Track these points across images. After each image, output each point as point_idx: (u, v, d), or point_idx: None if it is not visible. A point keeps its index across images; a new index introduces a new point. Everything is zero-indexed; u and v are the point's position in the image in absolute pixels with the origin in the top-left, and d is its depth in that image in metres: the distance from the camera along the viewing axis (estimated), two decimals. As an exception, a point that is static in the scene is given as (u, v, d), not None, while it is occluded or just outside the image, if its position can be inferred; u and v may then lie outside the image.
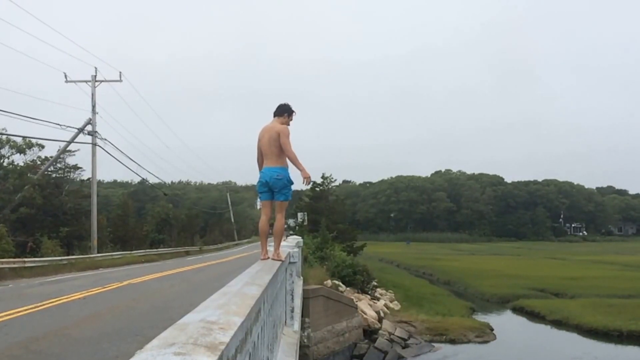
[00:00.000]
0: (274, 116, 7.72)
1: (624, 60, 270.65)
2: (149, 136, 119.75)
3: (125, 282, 19.49)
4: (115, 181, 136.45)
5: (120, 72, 36.96)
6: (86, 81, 35.97)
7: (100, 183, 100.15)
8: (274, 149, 7.33)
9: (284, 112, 7.71)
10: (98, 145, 35.16)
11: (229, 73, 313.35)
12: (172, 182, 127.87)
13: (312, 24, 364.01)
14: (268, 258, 7.27)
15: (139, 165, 42.33)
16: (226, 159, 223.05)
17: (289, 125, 7.63)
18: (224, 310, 3.18)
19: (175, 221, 67.17)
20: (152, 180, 72.69)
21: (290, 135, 7.41)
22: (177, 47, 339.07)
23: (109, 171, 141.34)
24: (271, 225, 7.90)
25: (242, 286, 4.65)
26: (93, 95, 35.58)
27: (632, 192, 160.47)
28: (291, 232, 43.68)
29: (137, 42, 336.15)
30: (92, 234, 35.46)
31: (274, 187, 7.34)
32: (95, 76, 35.92)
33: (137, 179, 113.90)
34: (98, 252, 34.85)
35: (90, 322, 10.67)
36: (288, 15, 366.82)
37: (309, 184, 7.75)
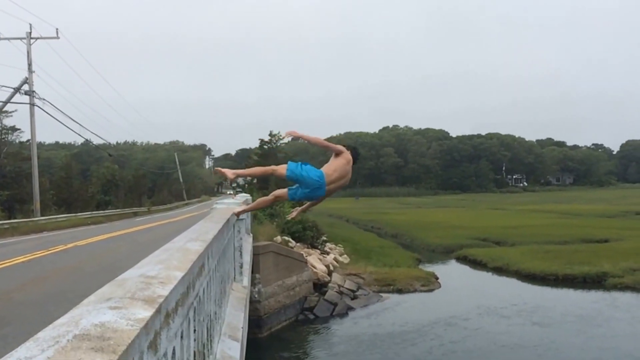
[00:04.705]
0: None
1: (566, 12, 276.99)
2: (90, 95, 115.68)
3: (70, 245, 19.18)
4: (57, 143, 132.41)
5: (57, 29, 35.30)
6: (20, 38, 34.26)
7: (41, 145, 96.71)
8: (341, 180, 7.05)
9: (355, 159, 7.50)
10: (36, 106, 33.79)
11: (169, 24, 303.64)
12: (117, 142, 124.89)
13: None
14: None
15: (81, 126, 41.17)
16: (172, 117, 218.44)
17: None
18: (164, 265, 3.24)
19: (122, 182, 65.84)
20: (96, 141, 70.77)
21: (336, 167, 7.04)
22: None
23: (50, 133, 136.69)
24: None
25: (185, 242, 4.71)
26: (28, 53, 33.97)
27: (569, 143, 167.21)
28: (239, 190, 43.56)
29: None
30: (35, 196, 34.42)
31: (307, 185, 6.72)
32: (30, 33, 34.22)
33: (80, 140, 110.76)
34: (41, 216, 33.95)
35: (35, 285, 10.53)
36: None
37: None
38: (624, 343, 16.71)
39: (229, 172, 6.79)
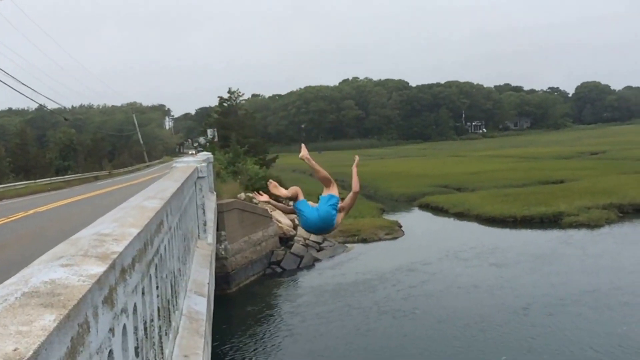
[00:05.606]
0: None
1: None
2: (42, 59, 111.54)
3: (31, 211, 18.89)
4: (10, 109, 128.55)
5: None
6: (-42, -1, 32.48)
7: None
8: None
9: None
10: (-18, 70, 32.34)
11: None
12: (73, 106, 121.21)
13: None
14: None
15: (34, 90, 39.43)
16: (128, 79, 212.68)
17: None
18: (119, 223, 3.23)
19: (80, 147, 64.49)
20: (50, 105, 68.39)
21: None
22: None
23: (2, 99, 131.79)
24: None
25: (142, 200, 4.69)
26: (-32, 14, 32.32)
27: (526, 88, 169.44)
28: (200, 149, 43.23)
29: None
30: (-11, 165, 33.43)
31: (320, 218, 6.08)
32: (-32, -7, 32.44)
33: (34, 106, 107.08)
34: (-1, 184, 33.15)
35: (-5, 253, 10.37)
36: None
37: None
38: (573, 278, 17.54)
39: (304, 152, 6.52)
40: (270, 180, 6.58)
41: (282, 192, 6.34)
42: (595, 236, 23.57)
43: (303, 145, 6.79)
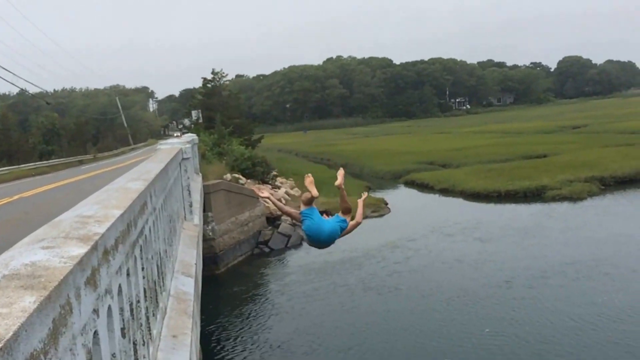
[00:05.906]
0: None
1: None
2: (22, 42, 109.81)
3: (16, 197, 18.75)
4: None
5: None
6: None
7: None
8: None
9: None
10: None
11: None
12: (55, 90, 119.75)
13: None
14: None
15: (13, 74, 38.45)
16: (110, 61, 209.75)
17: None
18: (102, 205, 3.24)
19: (64, 131, 63.86)
20: (32, 89, 67.27)
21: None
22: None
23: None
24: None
25: (125, 182, 4.69)
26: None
27: (509, 63, 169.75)
28: (185, 131, 42.97)
29: None
30: (-31, 151, 32.98)
31: (329, 233, 6.63)
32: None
33: (15, 90, 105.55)
34: (-20, 170, 32.74)
35: (-21, 240, 10.28)
36: None
37: None
38: (556, 250, 17.81)
39: (341, 180, 6.86)
40: (309, 175, 6.83)
41: (313, 191, 6.69)
42: (577, 209, 23.89)
43: (342, 169, 7.10)
